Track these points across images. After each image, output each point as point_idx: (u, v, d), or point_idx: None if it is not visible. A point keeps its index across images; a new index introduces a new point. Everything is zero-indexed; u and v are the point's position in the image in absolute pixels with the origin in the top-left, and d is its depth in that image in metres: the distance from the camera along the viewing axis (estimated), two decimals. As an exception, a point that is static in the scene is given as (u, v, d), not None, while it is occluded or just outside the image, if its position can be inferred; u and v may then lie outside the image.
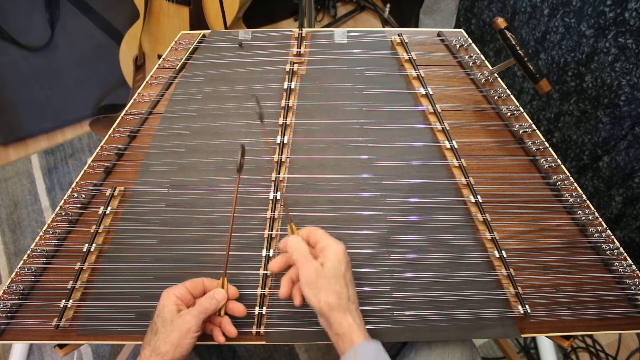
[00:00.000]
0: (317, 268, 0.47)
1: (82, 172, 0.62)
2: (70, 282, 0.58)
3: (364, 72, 0.65)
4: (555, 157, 0.61)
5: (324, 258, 0.48)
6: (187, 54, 0.66)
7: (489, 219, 0.59)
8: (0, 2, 1.19)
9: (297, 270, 0.49)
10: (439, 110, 0.62)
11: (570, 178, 0.61)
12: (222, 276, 0.53)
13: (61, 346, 0.60)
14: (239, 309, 0.53)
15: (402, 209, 0.60)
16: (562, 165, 0.61)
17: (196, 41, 0.66)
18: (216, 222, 0.60)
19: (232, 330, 0.52)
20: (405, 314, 0.57)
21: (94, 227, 0.59)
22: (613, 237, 0.59)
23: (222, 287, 0.52)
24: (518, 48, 0.56)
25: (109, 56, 1.36)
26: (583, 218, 0.60)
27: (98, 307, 0.58)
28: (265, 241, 0.58)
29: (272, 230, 0.59)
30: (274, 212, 0.59)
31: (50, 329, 0.57)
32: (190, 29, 0.88)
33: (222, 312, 0.53)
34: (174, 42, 0.66)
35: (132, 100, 0.64)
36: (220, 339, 0.53)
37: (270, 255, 0.58)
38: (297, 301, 0.51)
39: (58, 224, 0.60)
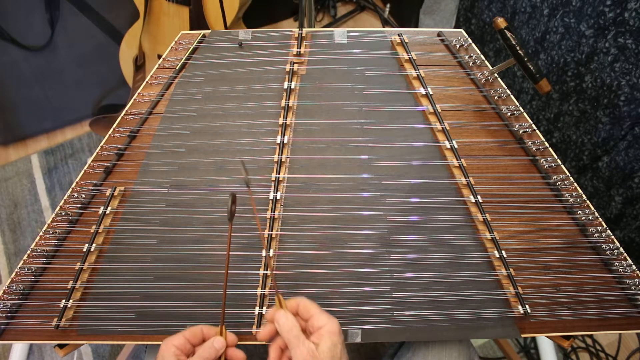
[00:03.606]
0: (311, 351, 0.45)
1: (82, 172, 0.62)
2: (70, 282, 0.58)
3: (364, 72, 0.65)
4: (555, 157, 0.61)
5: (318, 338, 0.46)
6: (187, 54, 0.66)
7: (489, 219, 0.59)
8: (1, 2, 1.19)
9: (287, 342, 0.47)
10: (439, 110, 0.62)
11: (570, 178, 0.61)
12: (220, 324, 0.51)
13: (61, 346, 0.60)
14: (238, 356, 0.51)
15: (402, 209, 0.60)
16: (562, 165, 0.61)
17: (196, 41, 0.66)
18: (216, 222, 0.60)
19: None
20: (405, 314, 0.57)
21: (94, 227, 0.59)
22: (613, 237, 0.59)
23: (221, 334, 0.51)
24: (518, 48, 0.56)
25: (109, 56, 1.36)
26: (583, 218, 0.60)
27: (98, 307, 0.58)
28: (265, 241, 0.58)
29: (272, 230, 0.59)
30: (274, 212, 0.59)
31: (50, 329, 0.57)
32: (190, 29, 0.88)
33: (223, 359, 0.52)
34: (174, 42, 0.66)
35: (132, 100, 0.64)
36: None
37: (271, 255, 0.58)
38: None
39: (58, 224, 0.60)
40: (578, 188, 0.61)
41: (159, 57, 1.07)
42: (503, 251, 0.58)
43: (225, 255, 0.49)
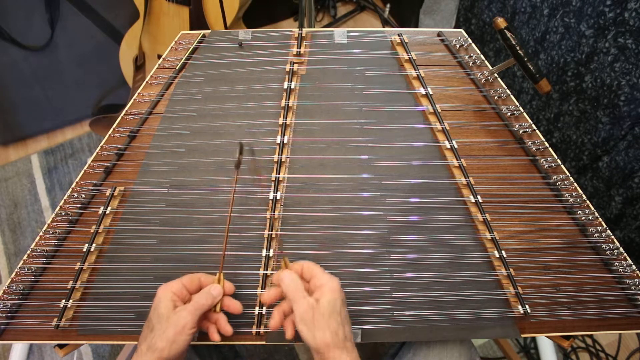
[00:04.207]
0: (312, 304, 0.47)
1: (82, 172, 0.62)
2: (70, 282, 0.58)
3: (364, 72, 0.65)
4: (555, 157, 0.61)
5: (319, 294, 0.48)
6: (187, 54, 0.66)
7: (489, 219, 0.59)
8: (1, 2, 1.19)
9: (290, 303, 0.48)
10: (439, 110, 0.62)
11: (570, 178, 0.61)
12: (219, 272, 0.52)
13: (61, 346, 0.60)
14: (235, 305, 0.52)
15: (402, 209, 0.60)
16: (562, 165, 0.61)
17: (196, 41, 0.66)
18: (216, 222, 0.60)
19: (227, 329, 0.52)
20: (405, 314, 0.57)
21: (94, 227, 0.59)
22: (613, 237, 0.59)
23: (218, 282, 0.52)
24: (518, 48, 0.56)
25: (109, 56, 1.36)
26: (583, 218, 0.60)
27: (98, 307, 0.58)
28: (265, 241, 0.58)
29: (272, 230, 0.59)
30: (274, 212, 0.59)
31: (50, 329, 0.57)
32: (190, 29, 0.88)
33: (218, 308, 0.52)
34: (174, 42, 0.66)
35: (132, 100, 0.64)
36: (215, 337, 0.52)
37: (270, 255, 0.58)
38: (288, 334, 0.51)
39: (58, 224, 0.60)
40: (578, 188, 0.61)
41: (159, 57, 1.07)
42: (503, 251, 0.58)
43: (232, 199, 0.53)
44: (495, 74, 0.63)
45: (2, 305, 0.58)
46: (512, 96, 0.63)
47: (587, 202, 0.60)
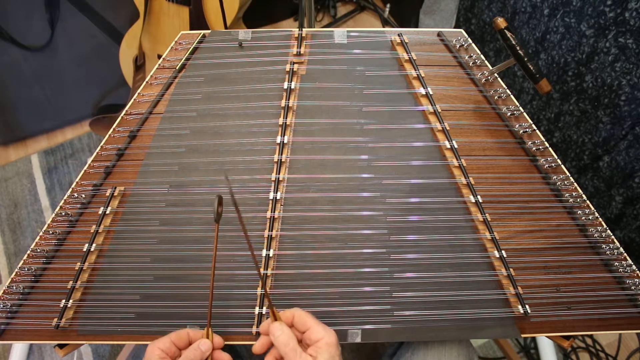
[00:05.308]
0: None
1: (82, 172, 0.62)
2: (70, 282, 0.58)
3: (364, 72, 0.65)
4: (555, 157, 0.61)
5: (316, 351, 0.46)
6: (187, 54, 0.66)
7: (489, 219, 0.59)
8: (1, 2, 1.19)
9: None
10: (439, 110, 0.62)
11: (570, 178, 0.61)
12: (207, 326, 0.52)
13: (61, 346, 0.60)
14: (223, 358, 0.52)
15: (402, 209, 0.60)
16: (562, 165, 0.61)
17: (196, 41, 0.66)
18: (216, 222, 0.60)
19: None
20: (405, 314, 0.57)
21: (94, 227, 0.59)
22: (613, 237, 0.59)
23: (207, 337, 0.51)
24: (518, 48, 0.56)
25: (109, 56, 1.36)
26: (583, 218, 0.60)
27: (98, 307, 0.58)
28: (265, 241, 0.58)
29: (272, 230, 0.59)
30: (274, 212, 0.59)
31: (50, 329, 0.57)
32: (190, 29, 0.88)
33: None
34: (174, 42, 0.66)
35: (132, 100, 0.64)
36: None
37: (270, 255, 0.58)
38: None
39: (58, 224, 0.60)
40: (578, 188, 0.61)
41: (159, 57, 1.07)
42: (503, 251, 0.58)
43: (214, 256, 0.48)
44: (496, 74, 0.63)
45: (2, 305, 0.58)
46: (512, 96, 0.63)
47: (587, 202, 0.60)
